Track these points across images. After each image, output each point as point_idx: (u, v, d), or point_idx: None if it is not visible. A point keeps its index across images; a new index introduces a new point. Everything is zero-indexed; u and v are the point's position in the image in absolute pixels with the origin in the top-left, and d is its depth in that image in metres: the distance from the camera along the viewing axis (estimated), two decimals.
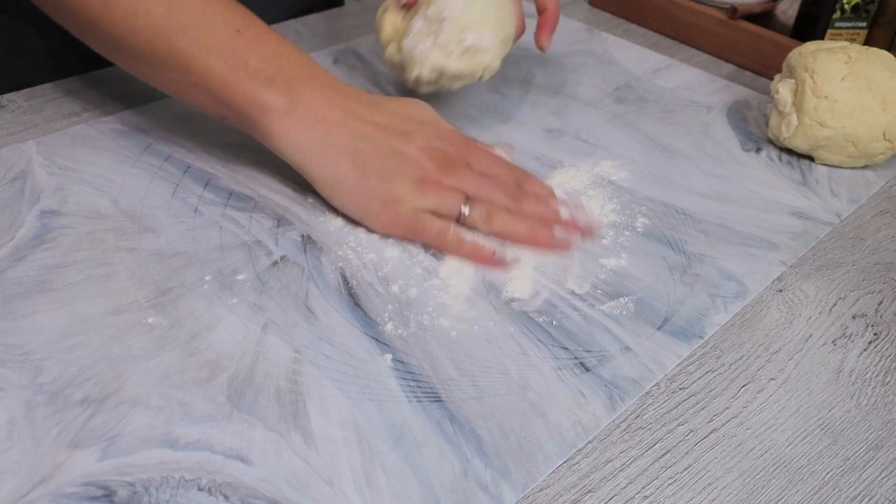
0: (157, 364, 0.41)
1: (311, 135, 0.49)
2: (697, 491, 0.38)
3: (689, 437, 0.40)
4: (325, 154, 0.49)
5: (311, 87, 0.49)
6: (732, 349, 0.45)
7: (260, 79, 0.48)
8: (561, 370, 0.42)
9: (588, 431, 0.39)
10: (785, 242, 0.53)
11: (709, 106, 0.68)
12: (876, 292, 0.50)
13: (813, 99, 0.58)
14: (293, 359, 0.42)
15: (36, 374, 0.40)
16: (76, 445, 0.37)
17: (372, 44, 0.74)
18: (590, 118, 0.65)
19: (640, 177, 0.58)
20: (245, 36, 0.49)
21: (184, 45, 0.48)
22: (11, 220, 0.49)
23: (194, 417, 0.38)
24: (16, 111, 0.61)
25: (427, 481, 0.36)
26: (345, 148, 0.49)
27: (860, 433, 0.41)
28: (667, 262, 0.50)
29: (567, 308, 0.46)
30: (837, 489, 0.38)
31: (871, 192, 0.59)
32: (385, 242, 0.50)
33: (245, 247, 0.49)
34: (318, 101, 0.49)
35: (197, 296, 0.45)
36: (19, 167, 0.53)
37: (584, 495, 0.37)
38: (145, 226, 0.50)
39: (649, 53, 0.76)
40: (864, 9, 0.71)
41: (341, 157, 0.49)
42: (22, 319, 0.43)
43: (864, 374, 0.44)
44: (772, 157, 0.62)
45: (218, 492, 0.35)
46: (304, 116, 0.49)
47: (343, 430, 0.38)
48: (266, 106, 0.48)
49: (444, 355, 0.43)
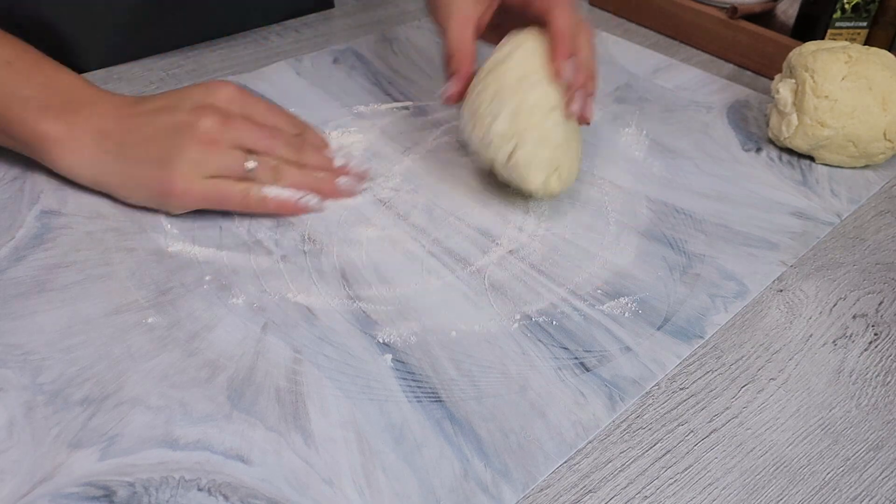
0: (156, 364, 0.41)
1: (93, 151, 0.49)
2: (698, 491, 0.38)
3: (689, 437, 0.40)
4: (104, 163, 0.49)
5: (85, 106, 0.50)
6: (733, 349, 0.45)
7: (34, 107, 0.48)
8: (561, 370, 0.42)
9: (588, 431, 0.39)
10: (785, 242, 0.53)
11: (709, 106, 0.68)
12: (876, 292, 0.50)
13: (813, 99, 0.58)
14: (293, 359, 0.42)
15: (36, 374, 0.40)
16: (76, 445, 0.37)
17: (372, 44, 0.74)
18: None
19: (639, 176, 0.58)
20: (16, 67, 0.49)
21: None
22: (11, 220, 0.49)
23: (194, 417, 0.38)
24: None
25: (427, 481, 0.36)
26: (123, 148, 0.49)
27: (861, 433, 0.41)
28: (667, 262, 0.50)
29: (567, 308, 0.46)
30: (838, 489, 0.38)
31: (872, 192, 0.59)
32: (385, 243, 0.50)
33: (245, 247, 0.49)
34: (94, 117, 0.49)
35: (197, 296, 0.45)
36: (19, 167, 0.53)
37: (584, 495, 0.37)
38: (145, 226, 0.50)
39: (649, 53, 0.76)
40: (865, 8, 0.71)
41: (119, 156, 0.49)
42: (22, 319, 0.43)
43: (864, 375, 0.44)
44: (772, 157, 0.62)
45: (218, 492, 0.35)
46: (83, 136, 0.49)
47: (343, 430, 0.38)
48: (44, 135, 0.49)
49: (444, 355, 0.43)
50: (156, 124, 0.49)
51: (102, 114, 0.50)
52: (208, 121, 0.49)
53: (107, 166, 0.49)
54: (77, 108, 0.49)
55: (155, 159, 0.48)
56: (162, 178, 0.48)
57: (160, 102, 0.51)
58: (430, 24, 0.78)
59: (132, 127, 0.49)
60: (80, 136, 0.49)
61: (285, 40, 0.74)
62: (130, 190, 0.50)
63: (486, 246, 0.51)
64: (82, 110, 0.49)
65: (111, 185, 0.50)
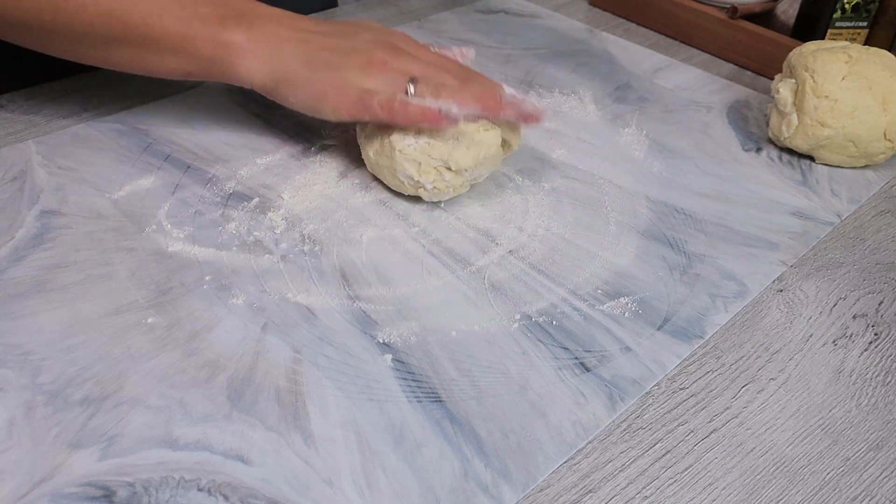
0: (156, 364, 0.41)
1: (270, 54, 0.52)
2: (698, 491, 0.38)
3: (689, 437, 0.40)
4: (280, 61, 0.52)
5: (260, 17, 0.53)
6: (733, 349, 0.45)
7: (213, 22, 0.52)
8: (561, 370, 0.42)
9: (588, 431, 0.39)
10: (785, 242, 0.53)
11: (709, 106, 0.68)
12: (876, 292, 0.50)
13: (813, 99, 0.58)
14: (293, 359, 0.42)
15: (36, 374, 0.40)
16: (76, 445, 0.37)
17: None
18: (590, 118, 0.65)
19: (639, 176, 0.58)
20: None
21: (136, 18, 0.51)
22: (11, 220, 0.49)
23: (194, 417, 0.38)
24: (16, 111, 0.61)
25: (427, 481, 0.36)
26: (295, 51, 0.52)
27: (861, 433, 0.41)
28: (667, 262, 0.50)
29: (567, 308, 0.46)
30: (838, 489, 0.38)
31: (872, 192, 0.59)
32: (385, 243, 0.50)
33: (245, 247, 0.49)
34: (270, 25, 0.53)
35: (196, 296, 0.45)
36: (19, 167, 0.53)
37: (584, 495, 0.37)
38: (145, 226, 0.50)
39: (649, 53, 0.76)
40: (865, 8, 0.71)
41: (293, 58, 0.52)
42: (22, 319, 0.43)
43: (864, 375, 0.44)
44: (772, 156, 0.62)
45: (218, 492, 0.35)
46: (262, 42, 0.52)
47: (343, 430, 0.38)
48: (228, 43, 0.52)
49: (444, 355, 0.43)
50: (334, 42, 0.53)
51: (278, 24, 0.53)
52: (380, 50, 0.52)
53: (280, 68, 0.52)
54: (252, 19, 0.53)
55: (324, 65, 0.52)
56: (325, 79, 0.51)
57: (339, 27, 0.55)
58: (431, 24, 0.78)
59: (309, 39, 0.53)
60: (259, 41, 0.52)
61: None
62: (294, 89, 0.52)
63: (486, 246, 0.51)
64: (257, 20, 0.53)
65: (279, 83, 0.53)
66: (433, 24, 0.78)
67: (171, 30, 0.51)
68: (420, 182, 0.51)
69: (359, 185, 0.55)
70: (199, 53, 0.52)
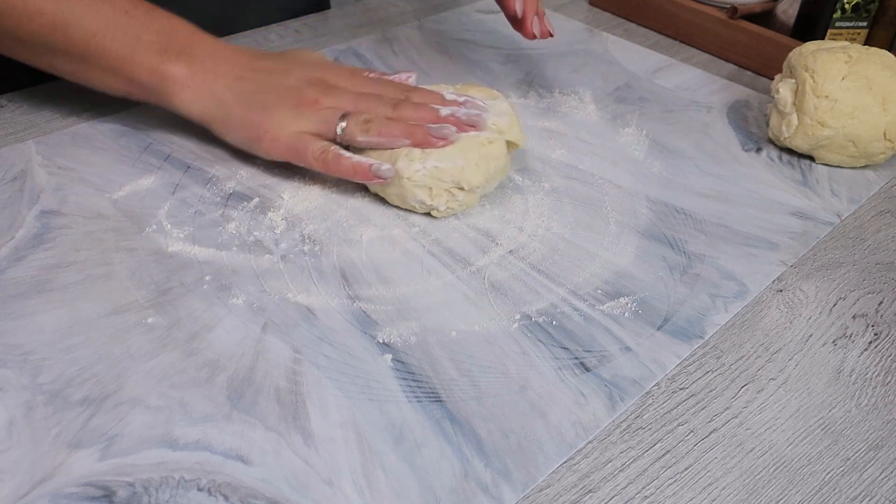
0: (156, 364, 0.41)
1: (207, 90, 0.53)
2: (698, 491, 0.38)
3: (689, 437, 0.40)
4: (215, 100, 0.53)
5: (202, 50, 0.54)
6: (732, 349, 0.45)
7: (154, 51, 0.53)
8: (561, 370, 0.42)
9: (588, 431, 0.39)
10: (785, 242, 0.53)
11: (709, 106, 0.68)
12: (876, 292, 0.50)
13: (813, 99, 0.58)
14: (293, 359, 0.42)
15: (36, 374, 0.40)
16: (76, 445, 0.37)
17: (372, 43, 0.74)
18: (590, 118, 0.65)
19: (639, 176, 0.58)
20: (133, 15, 0.53)
21: (78, 34, 0.51)
22: (11, 220, 0.49)
23: (194, 417, 0.38)
24: (16, 111, 0.61)
25: (427, 481, 0.36)
26: (232, 89, 0.53)
27: (860, 433, 0.41)
28: (667, 262, 0.50)
29: (567, 308, 0.46)
30: (838, 489, 0.38)
31: (872, 192, 0.59)
32: (385, 243, 0.50)
33: (245, 247, 0.49)
34: (209, 62, 0.54)
35: (196, 296, 0.45)
36: (19, 167, 0.53)
37: (584, 495, 0.37)
38: (145, 226, 0.50)
39: (649, 53, 0.76)
40: (865, 8, 0.71)
41: (229, 97, 0.53)
42: (22, 319, 0.43)
43: (864, 374, 0.44)
44: (772, 156, 0.62)
45: (218, 492, 0.35)
46: (200, 78, 0.53)
47: (343, 430, 0.38)
48: (166, 75, 0.53)
49: (444, 355, 0.43)
50: (269, 81, 0.54)
51: (218, 59, 0.54)
52: (312, 88, 0.53)
53: (215, 105, 0.53)
54: (193, 54, 0.54)
55: (258, 106, 0.53)
56: (259, 122, 0.52)
57: (274, 63, 0.55)
58: (431, 24, 0.78)
59: (245, 76, 0.54)
60: (197, 76, 0.53)
61: (285, 40, 0.75)
62: (229, 128, 0.54)
63: (486, 246, 0.51)
64: (198, 56, 0.54)
65: (215, 120, 0.54)
66: (433, 24, 0.78)
67: (112, 51, 0.52)
68: (433, 205, 0.51)
69: (359, 185, 0.55)
70: (138, 79, 0.53)
